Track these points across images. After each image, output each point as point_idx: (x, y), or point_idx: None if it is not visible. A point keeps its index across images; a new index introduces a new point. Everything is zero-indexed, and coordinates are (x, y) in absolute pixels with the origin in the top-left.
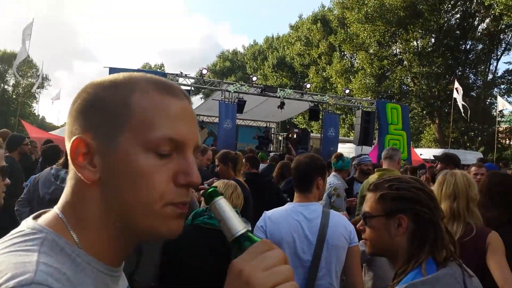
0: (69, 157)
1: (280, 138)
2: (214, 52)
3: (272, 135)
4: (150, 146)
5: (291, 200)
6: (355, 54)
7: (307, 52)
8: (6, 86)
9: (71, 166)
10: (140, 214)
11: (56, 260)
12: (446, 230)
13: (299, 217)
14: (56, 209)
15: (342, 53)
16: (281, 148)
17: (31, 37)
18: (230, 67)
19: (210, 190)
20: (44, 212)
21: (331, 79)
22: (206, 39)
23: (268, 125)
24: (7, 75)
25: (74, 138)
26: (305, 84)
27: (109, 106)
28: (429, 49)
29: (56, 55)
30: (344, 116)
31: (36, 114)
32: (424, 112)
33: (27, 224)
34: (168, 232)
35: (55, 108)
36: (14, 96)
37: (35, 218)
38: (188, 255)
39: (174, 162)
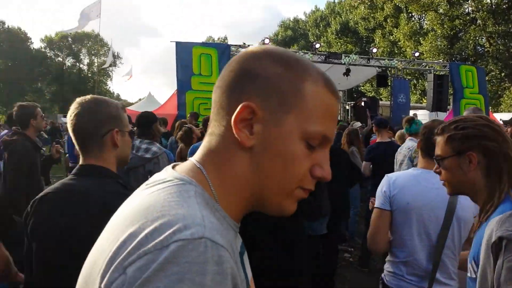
0: (233, 117)
1: (347, 107)
2: (276, 21)
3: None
4: (306, 136)
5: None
6: (423, 15)
7: (372, 15)
8: (81, 65)
9: (220, 123)
10: (276, 189)
11: (210, 213)
12: None
13: (427, 184)
14: (194, 161)
15: (410, 15)
16: (349, 117)
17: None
18: (292, 35)
19: None
20: (176, 164)
21: (399, 43)
22: (268, 9)
23: None
24: (81, 55)
25: (244, 103)
26: (371, 48)
27: (283, 85)
28: (504, 6)
29: (124, 33)
30: (415, 82)
31: (111, 91)
32: (503, 74)
33: (171, 174)
34: (287, 210)
35: (128, 85)
36: (89, 75)
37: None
38: None
39: (316, 155)
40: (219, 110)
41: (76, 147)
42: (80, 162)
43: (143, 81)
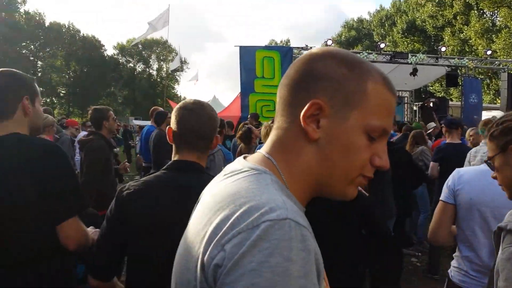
0: (302, 113)
1: (414, 107)
2: (339, 22)
3: (405, 104)
4: (368, 129)
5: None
6: (496, 11)
7: (440, 13)
8: (151, 71)
9: (287, 118)
10: (340, 177)
11: (287, 198)
12: None
13: (494, 180)
14: (264, 153)
15: (481, 11)
16: (417, 118)
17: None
18: (356, 36)
19: None
20: (246, 156)
21: (470, 41)
22: (331, 10)
23: (400, 94)
24: (150, 60)
25: (313, 100)
26: (439, 47)
27: (347, 84)
28: None
29: (190, 39)
30: (488, 81)
31: (178, 95)
32: None
33: (245, 164)
34: (350, 195)
35: (194, 89)
36: (158, 80)
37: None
38: None
39: (375, 146)
40: (286, 106)
41: (177, 142)
42: (176, 158)
43: (208, 85)
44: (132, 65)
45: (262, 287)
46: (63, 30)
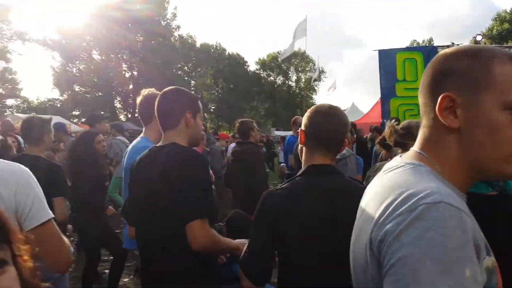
0: (436, 108)
1: None
2: (489, 15)
3: None
4: (507, 104)
5: None
6: None
7: None
8: (290, 83)
9: (428, 117)
10: (491, 158)
11: (442, 184)
12: None
13: None
14: (415, 149)
15: None
16: None
17: (307, 33)
18: (510, 29)
19: None
20: (402, 154)
21: None
22: (478, 2)
23: None
24: (289, 72)
25: (443, 94)
26: None
27: (473, 72)
28: None
29: (328, 48)
30: None
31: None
32: None
33: (401, 160)
34: (510, 174)
35: (331, 97)
36: (297, 91)
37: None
38: None
39: None
40: (426, 108)
41: (312, 145)
42: (311, 161)
43: (345, 92)
44: (272, 78)
45: (418, 256)
46: (211, 50)
